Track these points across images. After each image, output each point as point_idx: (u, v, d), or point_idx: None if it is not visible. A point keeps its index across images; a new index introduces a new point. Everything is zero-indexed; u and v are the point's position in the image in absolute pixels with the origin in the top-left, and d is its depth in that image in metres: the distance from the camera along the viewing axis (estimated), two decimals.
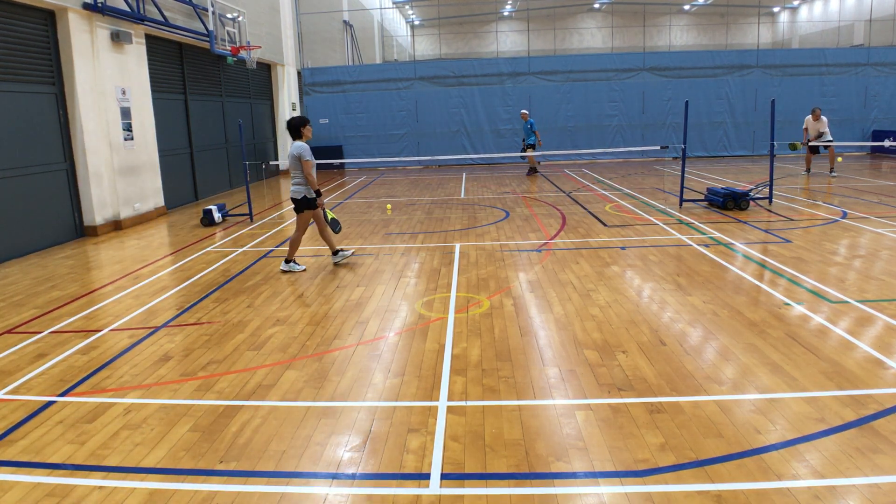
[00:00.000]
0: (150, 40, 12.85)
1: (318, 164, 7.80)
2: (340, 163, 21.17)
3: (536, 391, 4.29)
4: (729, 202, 10.91)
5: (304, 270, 7.79)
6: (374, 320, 5.88)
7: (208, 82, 15.90)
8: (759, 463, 3.35)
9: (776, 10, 46.32)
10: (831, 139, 15.41)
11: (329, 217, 7.93)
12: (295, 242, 7.79)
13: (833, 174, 15.29)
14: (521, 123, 21.54)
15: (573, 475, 3.31)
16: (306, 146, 7.49)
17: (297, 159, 7.43)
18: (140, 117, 12.10)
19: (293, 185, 7.58)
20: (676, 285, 6.62)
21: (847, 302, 5.91)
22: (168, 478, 3.43)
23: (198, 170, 15.15)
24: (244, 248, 9.30)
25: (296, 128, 7.54)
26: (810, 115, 15.65)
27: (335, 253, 7.98)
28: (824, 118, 15.51)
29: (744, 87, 21.32)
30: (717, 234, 9.02)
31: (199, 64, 15.30)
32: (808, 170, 16.10)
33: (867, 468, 3.27)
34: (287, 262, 7.80)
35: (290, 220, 11.91)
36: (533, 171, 18.22)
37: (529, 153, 17.12)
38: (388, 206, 12.03)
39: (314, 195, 7.52)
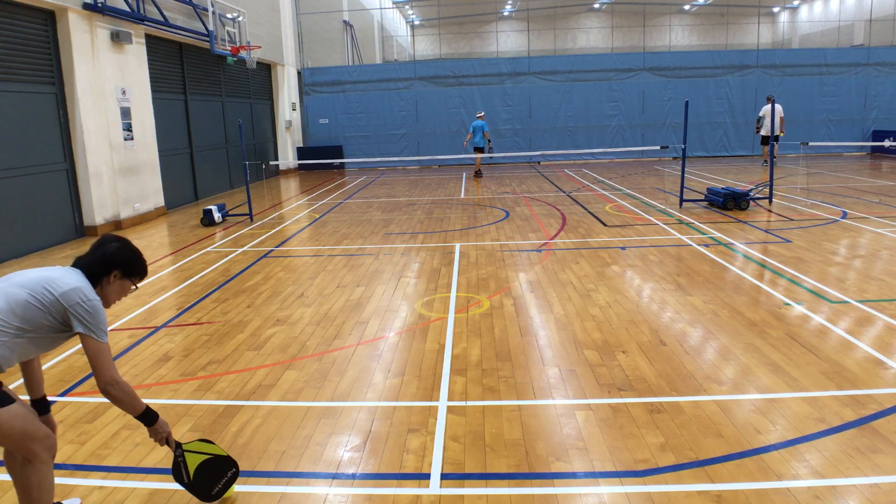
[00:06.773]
0: (150, 40, 12.85)
1: (318, 165, 6.79)
2: (340, 163, 21.14)
3: (536, 391, 4.29)
4: (729, 202, 10.91)
5: None
6: (374, 320, 5.88)
7: (208, 82, 15.90)
8: (759, 463, 3.35)
9: (776, 10, 46.32)
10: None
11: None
12: None
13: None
14: (522, 124, 21.65)
15: (573, 475, 3.31)
16: None
17: None
18: (140, 117, 12.10)
19: None
20: (676, 285, 6.62)
21: (847, 302, 5.91)
22: (168, 478, 3.42)
23: (198, 170, 15.15)
24: (244, 248, 9.30)
25: None
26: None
27: None
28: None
29: (744, 87, 21.31)
30: (718, 234, 9.02)
31: (199, 64, 15.30)
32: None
33: (867, 468, 3.27)
34: None
35: (291, 219, 11.89)
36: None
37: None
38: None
39: None
